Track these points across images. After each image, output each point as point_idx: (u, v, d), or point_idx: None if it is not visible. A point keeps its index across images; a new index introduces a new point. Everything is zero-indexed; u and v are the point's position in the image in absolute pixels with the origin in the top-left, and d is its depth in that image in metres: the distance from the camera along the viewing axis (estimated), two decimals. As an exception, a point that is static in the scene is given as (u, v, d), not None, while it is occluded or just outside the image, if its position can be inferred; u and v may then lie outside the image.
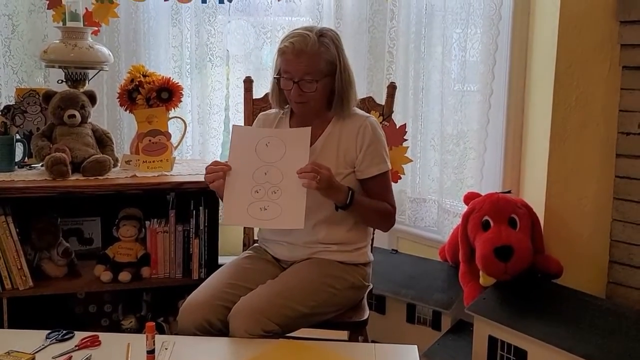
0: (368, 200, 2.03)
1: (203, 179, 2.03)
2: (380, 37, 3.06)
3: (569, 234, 2.49)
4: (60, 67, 2.58)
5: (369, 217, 2.07)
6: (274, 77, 2.05)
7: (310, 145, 2.00)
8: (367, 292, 2.17)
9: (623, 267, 2.37)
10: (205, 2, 2.92)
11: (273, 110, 2.17)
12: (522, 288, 2.35)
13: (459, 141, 2.89)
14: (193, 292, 1.97)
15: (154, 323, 1.70)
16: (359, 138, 2.02)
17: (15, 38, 2.94)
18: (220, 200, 2.20)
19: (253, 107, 2.46)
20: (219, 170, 1.96)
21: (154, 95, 2.55)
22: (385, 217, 2.08)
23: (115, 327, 2.54)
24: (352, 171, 2.04)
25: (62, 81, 2.61)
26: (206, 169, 2.00)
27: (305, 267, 2.03)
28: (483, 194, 2.61)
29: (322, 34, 1.97)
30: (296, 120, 2.10)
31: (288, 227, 1.96)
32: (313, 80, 1.95)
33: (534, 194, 2.59)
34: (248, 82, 2.49)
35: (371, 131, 2.04)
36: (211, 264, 2.40)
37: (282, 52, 1.96)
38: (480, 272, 2.43)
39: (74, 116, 2.42)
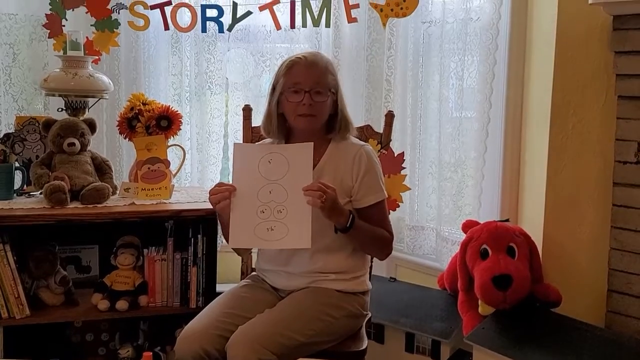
0: (368, 226, 2.03)
1: (201, 207, 2.03)
2: (378, 65, 3.09)
3: (567, 263, 2.49)
4: (60, 95, 2.60)
5: (367, 244, 2.07)
6: (275, 99, 2.05)
7: (314, 165, 2.01)
8: (365, 321, 2.16)
9: (622, 296, 2.36)
10: (205, 31, 2.95)
11: (268, 140, 2.17)
12: (521, 317, 2.34)
13: (457, 169, 2.90)
14: (190, 322, 1.96)
15: (152, 352, 1.69)
16: (354, 167, 2.03)
17: (15, 66, 2.97)
18: (219, 226, 2.19)
19: (252, 135, 2.47)
20: (224, 191, 1.96)
21: (153, 123, 2.56)
22: (383, 245, 2.09)
23: (112, 356, 2.52)
24: (348, 200, 2.04)
25: (62, 109, 2.63)
26: (210, 191, 1.99)
27: (303, 296, 2.03)
28: (481, 221, 2.61)
29: (326, 58, 2.08)
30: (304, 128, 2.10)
31: (295, 247, 1.95)
32: (323, 92, 1.99)
33: (532, 222, 2.59)
34: (247, 110, 2.51)
35: (367, 160, 2.05)
36: (209, 293, 2.39)
37: (291, 65, 2.00)
38: (479, 301, 2.42)
39: (73, 144, 2.43)
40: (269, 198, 1.95)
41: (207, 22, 2.91)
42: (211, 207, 2.03)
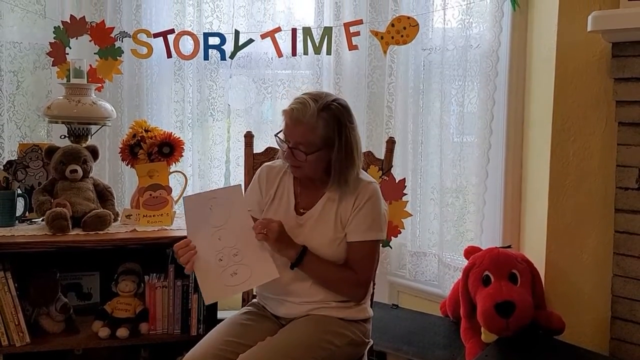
0: (325, 263, 1.98)
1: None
2: (379, 92, 3.11)
3: (570, 289, 2.48)
4: (63, 122, 2.62)
5: (324, 281, 2.00)
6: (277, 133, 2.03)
7: (309, 209, 2.02)
8: (367, 349, 2.14)
9: (626, 323, 2.35)
10: (208, 59, 2.98)
11: (278, 162, 2.14)
12: (523, 345, 2.32)
13: (459, 195, 2.90)
14: (191, 350, 1.94)
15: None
16: (356, 201, 2.00)
17: (19, 94, 3.00)
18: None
19: (253, 161, 2.48)
20: (187, 249, 1.92)
21: (155, 150, 2.58)
22: (343, 285, 2.00)
23: (112, 384, 2.51)
24: (345, 234, 2.01)
25: (65, 136, 2.65)
26: (176, 253, 1.94)
27: (304, 323, 2.01)
28: (483, 248, 2.61)
29: (326, 107, 1.92)
30: (298, 178, 2.09)
31: (263, 282, 1.96)
32: (304, 151, 1.93)
33: (534, 249, 2.59)
34: (249, 137, 2.52)
35: (367, 196, 2.00)
36: (210, 320, 2.38)
37: (284, 113, 1.96)
38: (482, 329, 2.40)
39: (75, 171, 2.44)
40: (221, 245, 1.94)
41: (210, 50, 2.94)
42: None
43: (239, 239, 1.94)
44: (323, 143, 1.93)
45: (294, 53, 2.95)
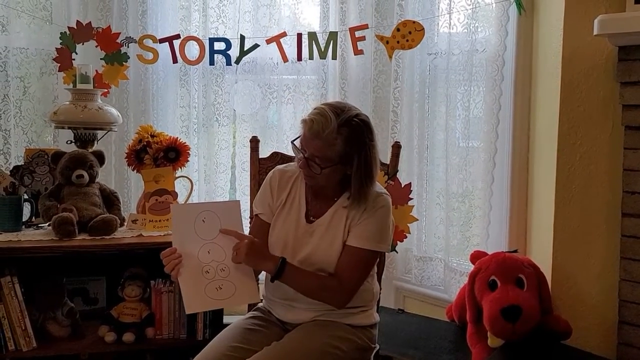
0: (306, 272, 1.96)
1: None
2: (384, 96, 3.11)
3: (576, 294, 2.46)
4: (69, 127, 2.63)
5: (305, 290, 1.96)
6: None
7: (319, 217, 2.00)
8: (373, 354, 2.13)
9: (633, 327, 2.33)
10: (213, 64, 2.99)
11: (291, 167, 2.12)
12: (530, 349, 2.31)
13: (464, 199, 2.90)
14: (197, 355, 1.94)
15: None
16: (365, 210, 1.96)
17: (26, 99, 3.02)
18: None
19: (259, 166, 2.48)
20: (173, 258, 1.89)
21: (161, 155, 2.58)
22: (324, 292, 1.95)
23: (118, 389, 2.51)
24: None
25: (71, 142, 2.66)
26: (163, 260, 1.92)
27: (310, 328, 2.00)
28: (489, 252, 2.60)
29: (347, 122, 1.86)
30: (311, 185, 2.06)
31: (245, 303, 1.97)
32: (319, 164, 1.89)
33: (541, 253, 2.58)
34: (254, 142, 2.51)
35: (377, 207, 1.97)
36: (216, 324, 2.38)
37: (302, 123, 1.91)
38: (488, 333, 2.40)
39: (82, 176, 2.45)
40: (210, 258, 1.93)
41: (215, 55, 2.95)
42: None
43: (228, 256, 1.93)
44: (340, 159, 1.89)
45: (299, 58, 2.96)
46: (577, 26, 2.40)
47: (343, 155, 1.88)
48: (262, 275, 2.09)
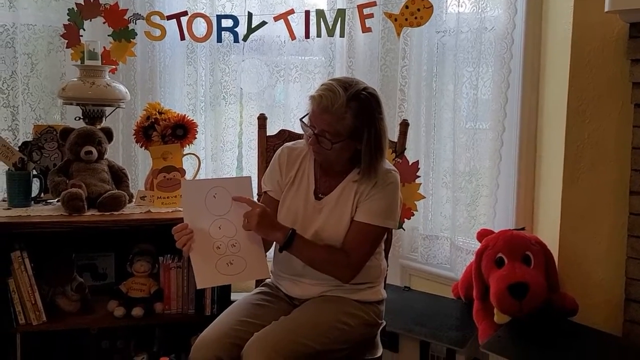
0: (315, 245, 1.97)
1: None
2: (392, 75, 3.09)
3: (583, 271, 2.47)
4: (78, 104, 2.63)
5: (313, 263, 1.98)
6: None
7: (328, 194, 2.01)
8: (380, 330, 2.15)
9: (639, 305, 2.34)
10: (221, 42, 2.98)
11: (299, 144, 2.12)
12: (537, 326, 2.33)
13: (471, 178, 2.90)
14: (205, 330, 1.95)
15: (168, 359, 1.69)
16: (374, 186, 1.97)
17: (34, 76, 3.01)
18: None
19: (267, 144, 2.48)
20: (185, 233, 1.91)
21: (169, 132, 2.58)
22: (332, 267, 1.98)
23: (127, 364, 2.54)
24: None
25: (80, 118, 2.66)
26: (174, 235, 1.93)
27: (319, 304, 2.02)
28: (496, 231, 2.60)
29: (355, 96, 1.87)
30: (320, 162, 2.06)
31: (255, 278, 1.99)
32: (329, 139, 1.89)
33: (548, 231, 2.58)
34: (262, 119, 2.51)
35: (386, 183, 1.98)
36: (224, 300, 2.40)
37: (311, 99, 1.91)
38: (495, 310, 2.41)
39: (90, 152, 2.46)
40: (221, 233, 1.94)
41: (223, 32, 2.94)
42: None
43: (239, 231, 1.94)
44: (349, 133, 1.89)
45: (307, 35, 2.94)
46: (588, 2, 2.38)
47: (353, 130, 1.88)
48: (271, 252, 2.11)
